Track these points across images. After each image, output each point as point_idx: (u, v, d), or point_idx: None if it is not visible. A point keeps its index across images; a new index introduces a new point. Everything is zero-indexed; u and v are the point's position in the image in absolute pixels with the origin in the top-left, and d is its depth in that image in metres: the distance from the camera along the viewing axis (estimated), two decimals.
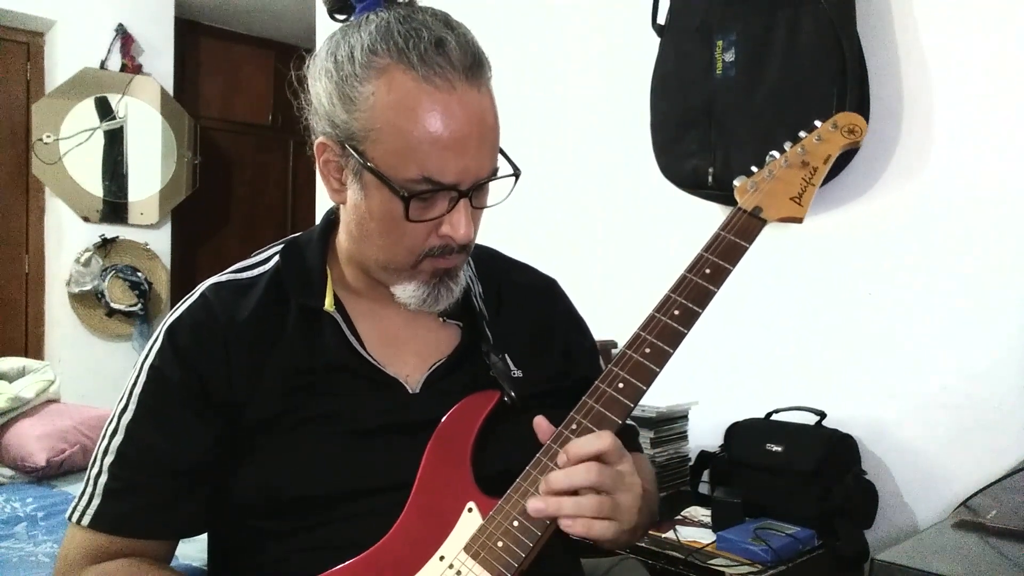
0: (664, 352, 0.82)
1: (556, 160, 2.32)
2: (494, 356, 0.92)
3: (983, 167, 1.61)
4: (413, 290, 0.88)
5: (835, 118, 0.95)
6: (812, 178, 0.91)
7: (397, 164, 0.80)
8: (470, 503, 0.82)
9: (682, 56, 1.91)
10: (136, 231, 3.72)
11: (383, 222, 0.84)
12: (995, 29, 1.60)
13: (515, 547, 0.77)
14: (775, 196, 0.90)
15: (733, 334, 1.93)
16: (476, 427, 0.87)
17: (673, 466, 1.82)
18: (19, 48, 3.57)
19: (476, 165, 0.82)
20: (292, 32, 4.25)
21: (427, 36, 0.79)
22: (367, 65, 0.80)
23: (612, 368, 0.84)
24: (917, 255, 1.69)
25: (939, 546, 1.25)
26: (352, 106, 0.81)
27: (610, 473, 0.77)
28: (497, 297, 1.00)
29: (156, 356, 0.87)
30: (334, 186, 0.88)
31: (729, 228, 0.88)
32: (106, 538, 0.84)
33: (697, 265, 0.87)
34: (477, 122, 0.81)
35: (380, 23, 0.81)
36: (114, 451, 0.85)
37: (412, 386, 0.90)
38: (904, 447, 1.70)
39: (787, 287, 1.87)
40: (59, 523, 1.83)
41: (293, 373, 0.87)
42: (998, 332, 1.58)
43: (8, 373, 2.40)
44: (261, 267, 0.95)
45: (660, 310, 0.85)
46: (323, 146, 0.86)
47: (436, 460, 0.85)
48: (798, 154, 0.93)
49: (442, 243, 0.85)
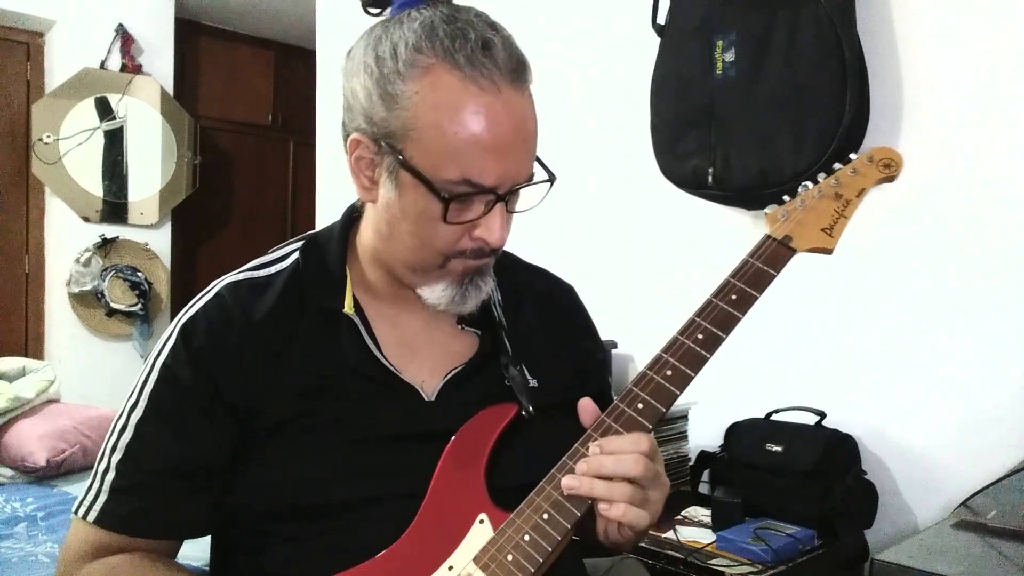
0: (686, 375, 0.83)
1: (556, 160, 2.31)
2: (513, 369, 0.91)
3: (983, 167, 1.61)
4: (441, 290, 0.87)
5: (871, 151, 0.94)
6: (845, 210, 0.90)
7: (437, 164, 0.79)
8: (482, 515, 0.82)
9: (682, 56, 1.91)
10: (136, 231, 3.72)
11: (417, 222, 0.83)
12: (995, 29, 1.60)
13: (525, 561, 0.77)
14: (806, 226, 0.89)
15: (733, 334, 1.93)
16: (492, 439, 0.86)
17: (673, 466, 1.82)
18: (19, 48, 3.57)
19: (515, 169, 0.82)
20: (292, 32, 4.25)
21: (474, 37, 0.79)
22: (411, 63, 0.78)
23: (632, 388, 0.83)
24: (917, 255, 1.69)
25: (939, 546, 1.25)
26: (393, 103, 0.79)
27: (652, 469, 0.79)
28: (516, 305, 0.99)
29: (169, 355, 0.86)
30: (364, 184, 0.86)
31: (758, 255, 0.89)
32: (110, 535, 0.84)
33: (724, 290, 0.87)
34: (520, 126, 0.81)
35: (424, 21, 0.80)
36: (122, 448, 0.85)
37: (428, 393, 0.90)
38: (904, 447, 1.70)
39: (787, 287, 1.87)
40: (59, 523, 1.83)
41: (308, 376, 0.86)
42: (998, 332, 1.58)
43: (8, 373, 2.40)
44: (279, 264, 0.93)
45: (684, 333, 0.85)
46: (356, 142, 0.84)
47: (450, 470, 0.85)
48: (832, 185, 0.92)
49: (475, 246, 0.84)
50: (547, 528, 0.78)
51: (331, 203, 3.15)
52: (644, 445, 0.79)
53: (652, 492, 0.80)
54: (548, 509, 0.79)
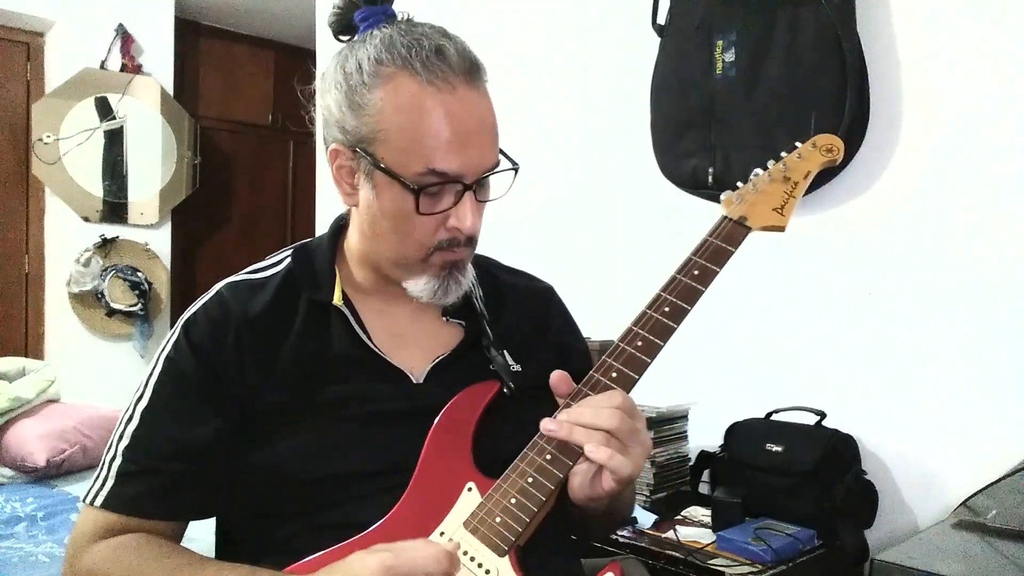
0: (655, 344, 0.88)
1: (556, 160, 2.32)
2: (494, 351, 0.98)
3: (983, 166, 1.61)
4: (424, 283, 0.93)
5: (814, 139, 1.03)
6: (793, 191, 1.00)
7: (405, 160, 0.86)
8: (470, 483, 0.88)
9: (682, 56, 1.91)
10: (136, 231, 3.72)
11: (395, 219, 0.89)
12: (995, 29, 1.60)
13: (512, 522, 0.83)
14: (759, 207, 0.98)
15: (733, 334, 1.93)
16: (477, 414, 0.92)
17: (673, 466, 1.83)
18: (19, 48, 3.57)
19: (479, 156, 0.88)
20: (292, 32, 4.25)
21: (428, 44, 0.86)
22: (374, 74, 0.87)
23: (606, 359, 0.89)
24: (917, 255, 1.69)
25: (939, 546, 1.26)
26: (361, 112, 0.87)
27: (628, 424, 0.83)
28: (497, 300, 1.05)
29: (172, 349, 0.92)
30: (347, 190, 0.94)
31: (716, 235, 0.97)
32: (118, 518, 0.88)
33: (686, 267, 0.94)
34: (477, 118, 0.88)
35: (384, 37, 0.88)
36: (129, 436, 0.90)
37: (416, 377, 0.95)
38: (904, 447, 1.70)
39: (787, 287, 1.87)
40: (59, 523, 1.83)
41: (302, 362, 0.92)
42: (998, 331, 1.58)
43: (8, 373, 2.40)
44: (274, 268, 1.00)
45: (651, 307, 0.91)
46: (336, 152, 0.92)
47: (438, 444, 0.90)
48: (780, 170, 1.01)
49: (450, 236, 0.90)
50: (532, 490, 0.84)
51: (331, 203, 3.15)
52: (618, 400, 0.84)
53: (632, 447, 0.84)
54: (532, 473, 0.84)
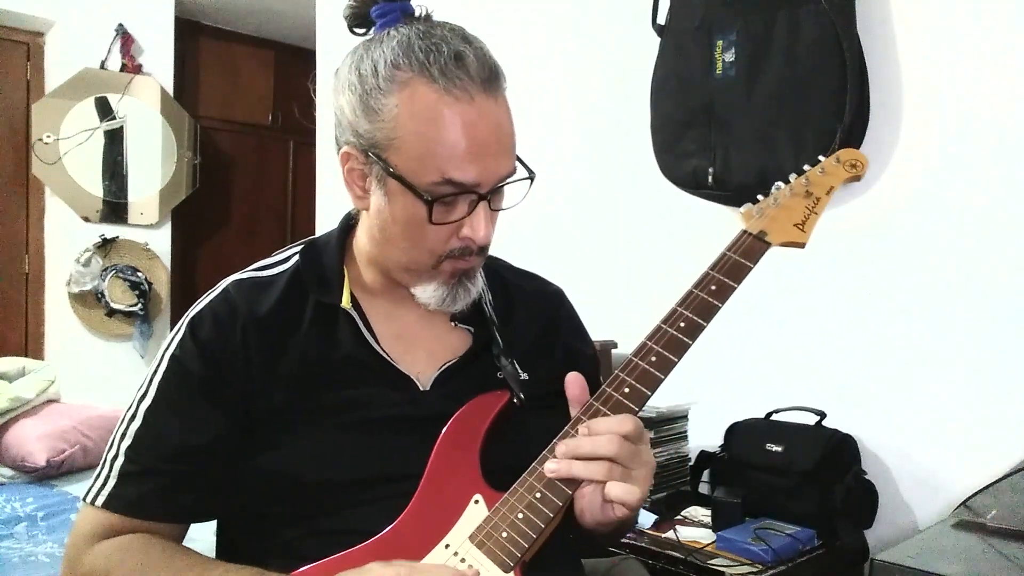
0: (669, 361, 0.87)
1: (556, 160, 2.32)
2: (504, 360, 0.96)
3: (983, 166, 1.61)
4: (433, 290, 0.92)
5: (838, 153, 1.01)
6: (815, 207, 0.97)
7: (419, 169, 0.84)
8: (477, 495, 0.86)
9: (682, 56, 1.91)
10: (136, 231, 3.72)
11: (406, 226, 0.88)
12: (995, 29, 1.60)
13: (519, 538, 0.81)
14: (779, 222, 0.95)
15: (733, 334, 1.93)
16: (486, 424, 0.90)
17: (673, 466, 1.82)
18: (19, 48, 3.56)
19: (493, 168, 0.86)
20: (292, 32, 4.25)
21: (447, 51, 0.84)
22: (390, 79, 0.84)
23: (619, 374, 0.88)
24: (917, 255, 1.69)
25: (939, 546, 1.26)
26: (376, 117, 0.85)
27: (629, 448, 0.82)
28: (506, 304, 1.03)
29: (177, 347, 0.91)
30: (358, 193, 0.92)
31: (735, 249, 0.94)
32: (119, 518, 0.87)
33: (703, 282, 0.92)
34: (494, 129, 0.86)
35: (401, 39, 0.85)
36: (131, 435, 0.88)
37: (423, 383, 0.94)
38: (904, 447, 1.70)
39: (787, 287, 1.87)
40: (59, 523, 1.83)
41: (309, 364, 0.91)
42: (998, 331, 1.58)
43: (8, 373, 2.40)
44: (281, 266, 0.98)
45: (667, 322, 0.90)
46: (347, 155, 0.90)
47: (446, 453, 0.88)
48: (803, 184, 0.98)
49: (462, 245, 0.89)
50: (540, 506, 0.82)
51: (331, 203, 3.15)
52: (627, 426, 0.83)
53: (636, 471, 0.83)
54: (541, 488, 0.83)
